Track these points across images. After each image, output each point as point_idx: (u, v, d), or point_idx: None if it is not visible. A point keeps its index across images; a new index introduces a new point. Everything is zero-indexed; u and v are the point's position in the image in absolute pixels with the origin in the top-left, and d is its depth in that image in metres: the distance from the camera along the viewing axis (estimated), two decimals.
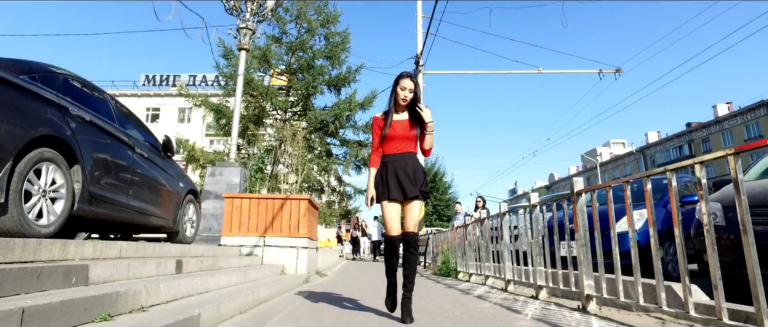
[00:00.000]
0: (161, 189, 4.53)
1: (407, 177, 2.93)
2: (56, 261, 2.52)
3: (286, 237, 6.54)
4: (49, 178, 2.90)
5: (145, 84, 43.84)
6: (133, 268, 2.98)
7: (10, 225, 2.60)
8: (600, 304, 3.29)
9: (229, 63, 18.92)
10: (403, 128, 3.02)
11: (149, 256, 3.50)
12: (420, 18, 14.70)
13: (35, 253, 2.43)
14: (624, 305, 2.98)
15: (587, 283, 3.31)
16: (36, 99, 2.85)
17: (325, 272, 8.62)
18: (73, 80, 3.50)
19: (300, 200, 6.72)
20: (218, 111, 17.69)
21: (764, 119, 41.03)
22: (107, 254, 3.05)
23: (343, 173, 20.13)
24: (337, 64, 19.84)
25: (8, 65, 2.84)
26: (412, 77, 3.05)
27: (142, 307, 2.46)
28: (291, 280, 5.43)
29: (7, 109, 2.59)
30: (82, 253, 2.84)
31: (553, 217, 4.47)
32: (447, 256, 8.53)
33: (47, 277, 2.25)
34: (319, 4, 20.51)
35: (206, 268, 4.31)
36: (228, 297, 3.19)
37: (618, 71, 14.69)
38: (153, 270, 3.26)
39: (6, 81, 2.63)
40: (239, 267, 5.07)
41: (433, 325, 2.78)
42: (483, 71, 16.42)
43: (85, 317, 2.02)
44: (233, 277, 4.20)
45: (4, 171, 2.52)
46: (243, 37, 9.97)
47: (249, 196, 6.74)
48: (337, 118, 17.88)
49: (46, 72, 3.19)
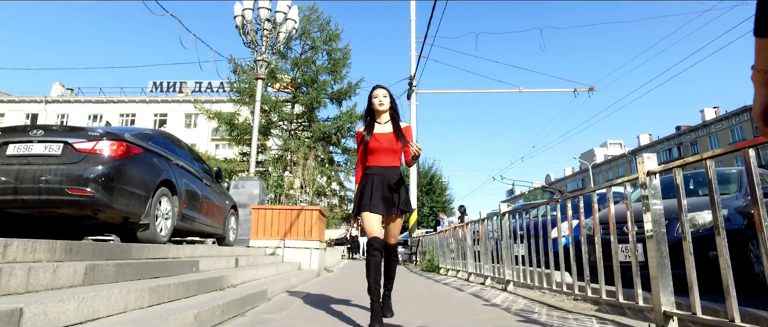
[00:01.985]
0: (215, 206, 6.26)
1: (389, 194, 2.93)
2: (180, 258, 4.24)
3: (301, 240, 8.26)
4: (165, 206, 4.62)
5: (153, 90, 45.45)
6: (216, 262, 4.70)
7: (150, 236, 4.33)
8: (516, 286, 5.02)
9: (240, 79, 20.60)
10: (387, 141, 3.00)
11: (218, 256, 5.22)
12: (414, 42, 16.39)
13: (167, 252, 4.15)
14: (527, 285, 4.70)
15: (508, 272, 5.04)
16: (158, 157, 4.58)
17: (331, 268, 10.34)
18: (168, 138, 5.23)
19: (312, 210, 8.44)
20: (231, 124, 19.40)
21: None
22: (200, 254, 4.77)
23: (344, 179, 21.85)
24: (339, 79, 21.54)
25: (141, 136, 4.57)
26: (383, 87, 3.15)
27: (232, 285, 4.17)
28: (307, 274, 7.14)
29: (147, 166, 4.32)
30: (184, 252, 4.55)
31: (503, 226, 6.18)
32: (432, 254, 10.25)
33: (179, 267, 3.96)
34: (321, 22, 22.19)
35: (250, 263, 6.03)
36: (272, 281, 4.91)
37: (591, 90, 16.40)
38: (224, 264, 4.98)
39: (147, 149, 4.36)
40: (271, 263, 6.79)
41: (413, 302, 4.49)
42: (470, 90, 18.02)
43: (211, 288, 3.73)
44: (270, 270, 5.92)
45: (148, 204, 4.25)
46: (259, 68, 11.67)
47: (272, 207, 8.46)
48: (340, 129, 19.61)
49: (157, 136, 4.92)
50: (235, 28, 11.91)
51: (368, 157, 3.04)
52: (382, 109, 3.05)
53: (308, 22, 21.68)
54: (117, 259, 3.23)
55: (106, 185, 3.85)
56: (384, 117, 3.10)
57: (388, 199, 2.92)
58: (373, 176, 2.97)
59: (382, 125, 3.08)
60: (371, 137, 3.01)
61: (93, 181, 3.80)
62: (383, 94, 3.08)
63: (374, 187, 2.93)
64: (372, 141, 3.00)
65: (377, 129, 3.06)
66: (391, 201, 2.92)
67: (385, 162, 3.00)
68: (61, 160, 3.82)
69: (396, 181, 2.97)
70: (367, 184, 2.96)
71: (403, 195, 2.98)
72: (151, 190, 4.29)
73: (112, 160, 3.96)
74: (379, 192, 2.92)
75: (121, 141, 4.08)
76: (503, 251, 5.08)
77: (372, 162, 3.02)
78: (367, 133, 3.04)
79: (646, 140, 60.24)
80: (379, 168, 2.99)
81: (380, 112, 3.07)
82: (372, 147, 3.01)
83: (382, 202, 2.91)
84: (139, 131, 4.70)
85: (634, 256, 2.74)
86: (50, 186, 3.68)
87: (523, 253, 4.99)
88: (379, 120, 3.10)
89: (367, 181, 2.97)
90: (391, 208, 2.92)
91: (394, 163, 3.02)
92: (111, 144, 3.99)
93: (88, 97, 45.06)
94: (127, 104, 44.86)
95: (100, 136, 3.97)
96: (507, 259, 5.03)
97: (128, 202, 4.07)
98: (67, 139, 3.90)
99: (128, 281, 2.88)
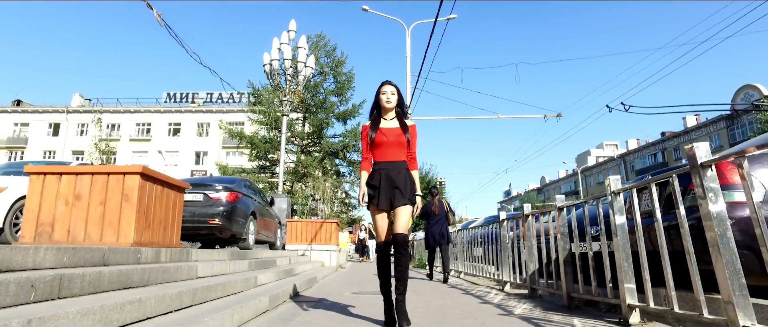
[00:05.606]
0: (272, 223, 9.25)
1: (397, 188, 2.95)
2: (265, 258, 7.22)
3: (323, 244, 11.25)
4: (252, 227, 7.62)
5: (167, 100, 48.25)
6: (282, 260, 7.69)
7: (246, 246, 7.34)
8: (466, 276, 7.99)
9: (257, 101, 23.57)
10: (394, 135, 3.04)
11: (281, 256, 8.20)
12: (408, 76, 19.38)
13: (259, 254, 7.13)
14: (473, 275, 7.68)
15: (461, 267, 8.03)
16: (247, 197, 7.57)
17: (343, 265, 13.35)
18: (249, 183, 8.21)
19: (331, 223, 11.45)
20: (252, 142, 22.42)
21: (723, 132, 45.79)
22: (273, 255, 7.76)
23: (349, 189, 24.87)
24: (344, 101, 24.53)
25: (237, 183, 7.55)
26: (392, 83, 3.14)
27: (297, 273, 7.15)
28: (329, 269, 10.14)
29: (244, 204, 7.32)
30: (266, 254, 7.52)
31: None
32: (421, 254, 13.25)
33: (271, 263, 6.94)
34: (328, 48, 25.19)
35: (295, 262, 9.02)
36: (312, 272, 7.89)
37: (558, 116, 19.39)
38: (286, 262, 7.96)
39: (243, 193, 7.36)
40: (305, 261, 9.80)
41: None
42: (457, 117, 21.09)
43: (290, 274, 6.70)
44: (308, 266, 8.91)
45: (246, 227, 7.26)
46: (285, 107, 14.65)
47: (301, 220, 11.47)
48: (345, 147, 22.61)
49: (243, 182, 7.91)
50: (264, 73, 14.89)
51: (374, 151, 3.08)
52: (389, 106, 3.10)
53: (316, 48, 24.67)
54: (248, 258, 6.24)
55: (226, 217, 6.85)
56: (390, 114, 3.15)
57: (393, 192, 2.95)
58: (380, 171, 3.01)
59: (388, 121, 3.13)
60: (378, 132, 3.05)
61: (219, 214, 6.79)
62: (391, 92, 3.11)
63: (382, 183, 2.98)
64: (378, 135, 3.04)
65: (383, 124, 3.11)
66: (400, 193, 2.95)
67: (391, 156, 3.03)
68: (202, 204, 6.82)
69: (402, 175, 3.00)
70: (374, 178, 3.02)
71: (410, 187, 3.00)
72: (247, 218, 7.29)
73: (228, 203, 6.96)
74: (386, 189, 2.97)
75: (232, 191, 7.08)
76: (465, 253, 8.08)
77: (378, 156, 3.06)
78: (372, 129, 3.08)
79: (634, 144, 63.20)
80: (386, 163, 3.03)
81: (387, 109, 3.12)
82: (378, 141, 3.04)
83: (387, 196, 2.96)
84: (234, 180, 7.69)
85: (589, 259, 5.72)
86: (201, 218, 6.67)
87: (480, 253, 8.00)
88: (385, 116, 3.15)
89: (374, 176, 3.03)
90: (398, 200, 2.94)
91: (400, 158, 3.04)
92: (227, 194, 6.99)
93: (106, 107, 47.82)
94: (142, 114, 47.70)
95: (223, 188, 6.97)
96: (460, 257, 8.03)
97: (237, 226, 7.07)
98: (204, 191, 6.89)
99: (256, 270, 5.85)
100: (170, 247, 4.11)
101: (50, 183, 3.68)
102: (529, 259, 4.72)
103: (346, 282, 7.11)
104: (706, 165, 2.18)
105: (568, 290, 3.86)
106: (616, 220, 3.03)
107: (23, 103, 48.65)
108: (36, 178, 3.69)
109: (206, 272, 4.09)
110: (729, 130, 45.13)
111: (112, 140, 45.75)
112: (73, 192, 3.67)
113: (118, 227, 3.63)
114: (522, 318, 3.30)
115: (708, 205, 2.15)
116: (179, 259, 4.09)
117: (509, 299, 4.59)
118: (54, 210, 3.65)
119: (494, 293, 5.29)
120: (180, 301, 2.77)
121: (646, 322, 2.89)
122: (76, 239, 3.63)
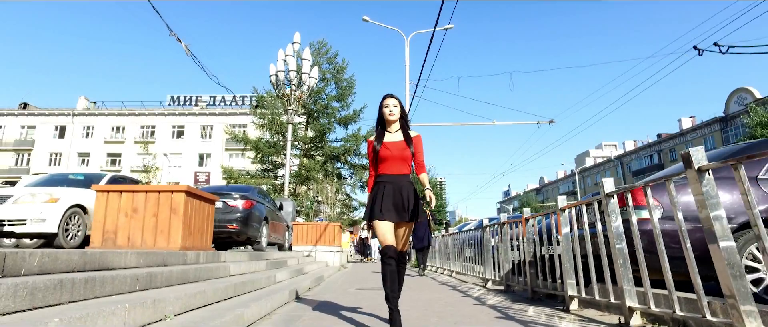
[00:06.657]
0: (281, 226, 10.14)
1: (401, 203, 3.02)
2: (278, 259, 8.11)
3: (328, 245, 12.14)
4: (265, 231, 8.51)
5: (171, 103, 49.09)
6: (291, 261, 8.58)
7: (260, 248, 8.24)
8: (457, 274, 8.89)
9: (261, 107, 24.47)
10: (398, 148, 3.10)
11: (290, 257, 9.09)
12: (408, 84, 20.26)
13: (272, 256, 8.02)
14: (462, 273, 8.56)
15: (453, 267, 8.93)
16: (260, 204, 8.46)
17: (346, 265, 14.24)
18: (260, 190, 9.10)
19: (334, 225, 12.33)
20: (257, 147, 23.32)
21: (717, 134, 46.66)
22: (283, 256, 8.65)
23: (350, 192, 25.79)
24: (346, 106, 25.43)
25: (257, 190, 8.44)
26: (394, 96, 3.22)
27: (306, 272, 8.04)
28: (333, 268, 11.03)
29: (258, 210, 8.22)
30: (278, 256, 8.41)
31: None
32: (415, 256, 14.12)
33: (283, 263, 7.83)
34: (330, 55, 26.09)
35: (302, 262, 9.90)
36: (318, 271, 8.78)
37: (551, 122, 20.27)
38: (295, 262, 8.85)
39: (257, 200, 8.26)
40: (312, 261, 10.69)
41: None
42: (454, 123, 21.77)
43: (300, 273, 7.59)
44: (314, 266, 9.80)
45: (260, 231, 8.15)
46: (291, 116, 15.53)
47: (307, 223, 12.35)
48: (347, 151, 23.52)
49: (256, 190, 8.80)
50: (270, 83, 15.77)
51: (379, 165, 3.14)
52: (392, 118, 3.16)
53: (318, 55, 25.56)
54: (265, 259, 7.13)
55: (243, 222, 7.73)
56: (394, 126, 3.21)
57: (398, 206, 3.02)
58: (385, 184, 3.08)
59: (392, 134, 3.19)
60: (381, 146, 3.12)
61: (237, 220, 7.68)
62: (393, 104, 3.18)
63: (385, 194, 3.04)
64: (383, 149, 3.10)
65: (387, 138, 3.17)
66: (402, 208, 3.02)
67: (395, 170, 3.09)
68: (222, 211, 7.70)
69: (406, 190, 3.06)
70: (379, 191, 3.07)
71: (412, 203, 3.05)
72: (261, 223, 8.18)
73: (245, 210, 7.84)
74: (390, 200, 3.02)
75: (248, 199, 7.96)
76: (456, 254, 8.98)
77: (383, 170, 3.13)
78: (377, 142, 3.15)
79: (631, 146, 64.05)
80: (390, 176, 3.09)
81: (390, 122, 3.18)
82: (383, 155, 3.10)
83: (393, 209, 3.01)
84: (249, 188, 8.58)
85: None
86: (221, 224, 7.56)
87: (470, 254, 8.91)
88: (390, 129, 3.20)
89: (378, 189, 3.09)
90: (402, 214, 3.01)
91: (404, 171, 3.11)
92: (243, 202, 7.87)
93: (111, 110, 48.74)
94: (147, 117, 48.53)
95: (240, 197, 7.86)
96: (452, 258, 8.92)
97: (252, 231, 7.96)
98: (224, 199, 7.77)
99: (273, 269, 6.73)
100: (206, 250, 5.00)
101: (113, 199, 4.57)
102: (504, 260, 5.61)
103: (349, 280, 7.99)
104: (610, 195, 3.07)
105: (532, 285, 4.74)
106: (562, 230, 3.91)
107: (30, 105, 49.53)
108: (102, 194, 4.58)
109: (235, 271, 4.97)
110: (723, 132, 45.98)
111: (118, 143, 46.58)
112: (131, 206, 4.56)
113: (169, 235, 4.52)
114: (491, 307, 4.18)
115: (611, 222, 3.04)
116: (213, 260, 4.98)
117: (487, 294, 5.48)
118: (116, 221, 4.54)
119: (477, 289, 6.18)
120: (226, 292, 3.66)
121: (582, 308, 3.78)
122: (134, 244, 4.52)
